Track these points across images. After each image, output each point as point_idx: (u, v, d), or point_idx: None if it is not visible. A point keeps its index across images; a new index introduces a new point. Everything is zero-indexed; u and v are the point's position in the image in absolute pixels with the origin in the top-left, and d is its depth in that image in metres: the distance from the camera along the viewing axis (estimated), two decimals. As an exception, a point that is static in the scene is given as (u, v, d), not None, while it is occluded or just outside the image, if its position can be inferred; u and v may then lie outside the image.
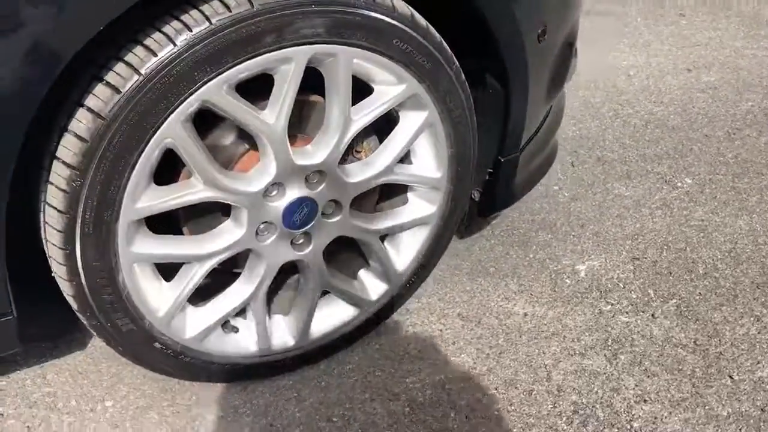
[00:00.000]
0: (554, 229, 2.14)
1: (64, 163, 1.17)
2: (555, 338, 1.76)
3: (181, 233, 1.42)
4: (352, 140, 1.49)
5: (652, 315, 1.84)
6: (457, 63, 1.44)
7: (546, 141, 1.86)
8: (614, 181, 2.37)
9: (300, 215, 1.41)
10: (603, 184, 2.35)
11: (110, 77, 1.14)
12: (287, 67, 1.24)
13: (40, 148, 1.21)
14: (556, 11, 1.60)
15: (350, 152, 1.51)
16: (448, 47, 1.41)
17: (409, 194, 1.59)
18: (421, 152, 1.52)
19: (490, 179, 1.71)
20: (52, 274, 1.29)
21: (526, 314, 1.84)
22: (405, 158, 1.55)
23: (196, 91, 1.18)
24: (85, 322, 1.33)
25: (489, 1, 1.38)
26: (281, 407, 1.55)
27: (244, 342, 1.51)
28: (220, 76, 1.18)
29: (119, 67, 1.14)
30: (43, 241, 1.27)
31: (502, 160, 1.66)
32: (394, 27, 1.30)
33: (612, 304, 1.87)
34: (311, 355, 1.62)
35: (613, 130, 2.67)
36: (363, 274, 1.64)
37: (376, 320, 1.69)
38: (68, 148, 1.16)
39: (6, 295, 1.23)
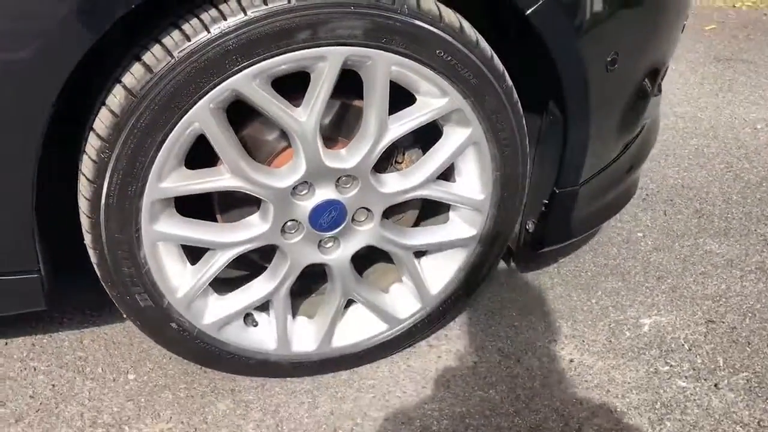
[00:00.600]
0: (627, 278, 1.99)
1: (96, 134, 1.22)
2: (597, 390, 1.63)
3: (215, 220, 1.45)
4: (394, 150, 1.47)
5: (716, 385, 1.66)
6: (510, 82, 1.38)
7: (618, 179, 1.74)
8: (708, 236, 2.17)
9: (327, 218, 1.40)
10: (694, 238, 2.17)
11: (146, 57, 1.19)
12: (322, 65, 1.24)
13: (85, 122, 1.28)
14: (634, 39, 1.49)
15: (390, 162, 1.49)
16: (500, 64, 1.36)
17: (451, 213, 1.54)
18: (465, 171, 1.47)
19: (545, 211, 1.62)
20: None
21: (572, 360, 1.71)
22: (449, 175, 1.50)
23: (225, 79, 1.20)
24: (108, 292, 1.38)
25: (546, 18, 1.31)
26: (292, 410, 1.53)
27: (263, 338, 1.51)
28: (251, 68, 1.20)
29: (156, 48, 1.19)
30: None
31: (558, 191, 1.57)
32: (437, 37, 1.26)
33: (671, 366, 1.71)
34: (332, 363, 1.59)
35: (720, 183, 2.46)
36: (395, 289, 1.59)
37: (407, 340, 1.64)
38: (102, 121, 1.22)
39: (34, 252, 1.30)
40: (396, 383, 1.62)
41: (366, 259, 1.63)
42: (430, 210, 1.60)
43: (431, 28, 1.26)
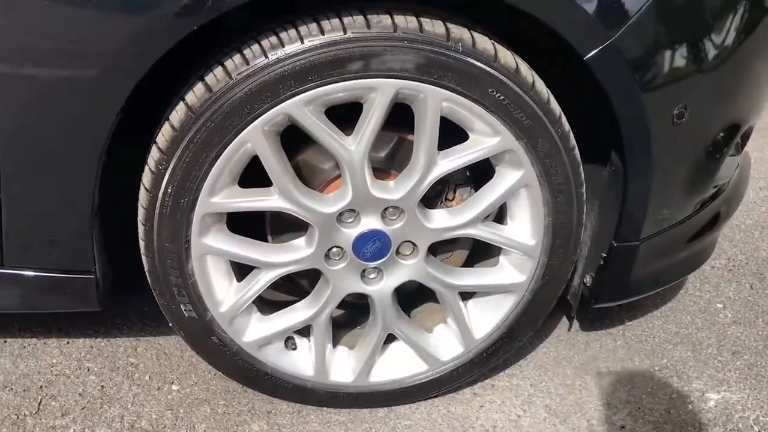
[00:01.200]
0: (698, 348, 1.87)
1: (157, 147, 1.30)
2: (646, 462, 1.53)
3: (266, 240, 1.49)
4: (445, 187, 1.47)
5: (783, 473, 1.52)
6: (567, 127, 1.36)
7: (688, 240, 1.65)
8: (797, 316, 2.01)
9: (372, 247, 1.41)
10: (781, 315, 2.01)
11: (208, 78, 1.26)
12: (373, 96, 1.27)
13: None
14: (707, 93, 1.43)
15: (441, 199, 1.48)
16: (557, 107, 1.34)
17: (501, 257, 1.51)
18: (517, 214, 1.44)
19: (603, 265, 1.56)
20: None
21: (623, 427, 1.62)
22: (502, 218, 1.48)
23: (279, 103, 1.24)
24: (156, 300, 1.44)
25: (605, 64, 1.28)
26: (324, 440, 1.53)
27: (301, 363, 1.53)
28: (303, 94, 1.24)
29: (218, 70, 1.25)
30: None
31: (616, 245, 1.51)
32: (491, 76, 1.27)
33: (734, 447, 1.58)
34: (369, 398, 1.58)
35: (819, 263, 2.28)
36: (439, 330, 1.57)
37: (447, 383, 1.60)
38: (163, 135, 1.29)
39: (91, 254, 1.38)
40: (433, 426, 1.58)
41: (416, 297, 1.62)
42: (481, 252, 1.58)
43: (485, 67, 1.26)
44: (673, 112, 1.37)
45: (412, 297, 1.61)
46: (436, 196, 1.46)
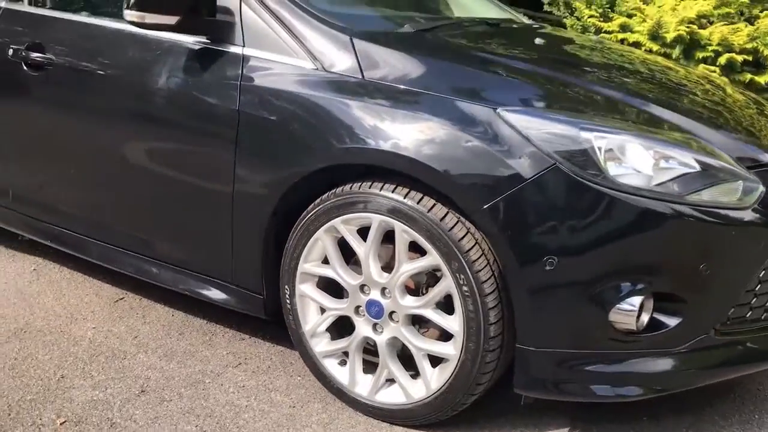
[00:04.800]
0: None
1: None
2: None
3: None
4: (422, 283, 2.45)
5: None
6: (475, 256, 2.23)
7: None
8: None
9: (374, 310, 2.47)
10: None
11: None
12: (373, 224, 2.39)
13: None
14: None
15: (420, 291, 2.45)
16: (468, 243, 2.24)
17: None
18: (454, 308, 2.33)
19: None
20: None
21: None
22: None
23: (328, 221, 2.46)
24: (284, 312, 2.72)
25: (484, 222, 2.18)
26: None
27: (342, 374, 2.60)
28: (336, 218, 2.43)
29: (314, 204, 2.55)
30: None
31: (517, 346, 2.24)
32: (425, 218, 2.27)
33: None
34: (372, 410, 2.55)
35: None
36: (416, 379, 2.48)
37: (419, 417, 2.47)
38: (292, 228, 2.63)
39: (261, 281, 2.75)
40: None
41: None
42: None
43: (423, 214, 2.29)
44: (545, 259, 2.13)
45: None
46: (417, 288, 2.44)
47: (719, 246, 2.21)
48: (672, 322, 2.23)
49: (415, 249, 2.35)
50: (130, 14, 2.58)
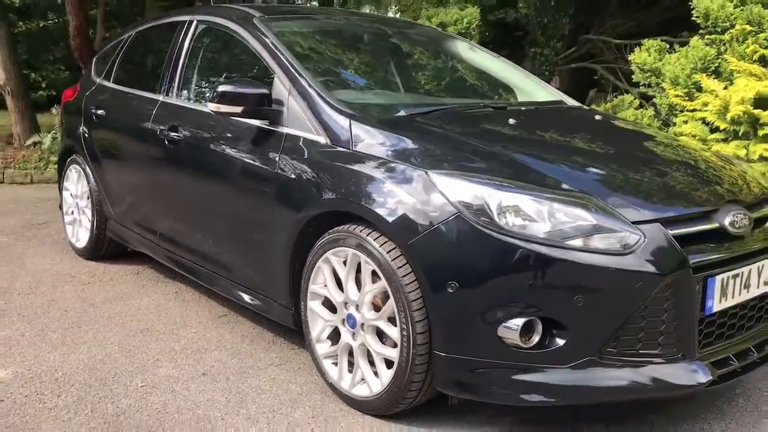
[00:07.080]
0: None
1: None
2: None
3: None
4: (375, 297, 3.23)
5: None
6: (409, 279, 2.97)
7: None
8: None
9: (351, 321, 3.28)
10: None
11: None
12: (348, 256, 3.23)
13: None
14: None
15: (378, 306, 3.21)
16: (404, 270, 2.99)
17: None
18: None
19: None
20: (308, 307, 3.65)
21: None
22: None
23: (324, 254, 3.34)
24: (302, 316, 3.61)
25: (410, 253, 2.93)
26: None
27: (334, 371, 3.41)
28: (329, 251, 3.30)
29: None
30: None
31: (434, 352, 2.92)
32: (378, 254, 3.07)
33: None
34: (351, 401, 3.32)
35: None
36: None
37: (379, 408, 3.19)
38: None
39: (290, 299, 3.66)
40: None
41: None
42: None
43: (376, 249, 3.08)
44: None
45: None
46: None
47: (592, 283, 2.74)
48: (558, 342, 2.78)
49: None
50: (210, 105, 3.73)
